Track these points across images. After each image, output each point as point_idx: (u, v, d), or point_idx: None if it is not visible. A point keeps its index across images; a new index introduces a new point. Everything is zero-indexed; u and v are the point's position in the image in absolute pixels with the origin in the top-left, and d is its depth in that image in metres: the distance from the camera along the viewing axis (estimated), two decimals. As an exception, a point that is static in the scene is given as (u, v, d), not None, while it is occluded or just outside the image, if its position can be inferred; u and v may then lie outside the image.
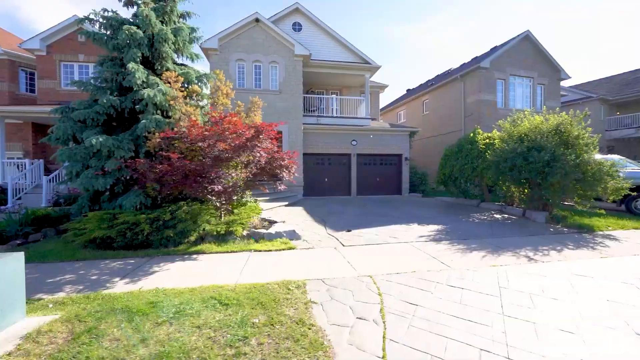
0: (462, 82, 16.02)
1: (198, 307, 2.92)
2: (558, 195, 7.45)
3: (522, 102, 16.03)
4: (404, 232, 6.62)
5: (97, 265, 4.48)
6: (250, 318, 2.75)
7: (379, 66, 14.10)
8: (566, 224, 7.19)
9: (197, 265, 4.45)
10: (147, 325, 2.60)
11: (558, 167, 6.83)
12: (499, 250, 5.12)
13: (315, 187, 13.79)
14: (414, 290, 3.50)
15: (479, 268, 4.22)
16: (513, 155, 7.56)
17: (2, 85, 12.68)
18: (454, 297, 3.32)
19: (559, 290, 3.49)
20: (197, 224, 5.69)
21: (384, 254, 5.01)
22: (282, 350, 2.30)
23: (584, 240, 5.87)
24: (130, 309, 2.89)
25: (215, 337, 2.45)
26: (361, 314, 2.94)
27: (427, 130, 19.12)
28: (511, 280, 3.77)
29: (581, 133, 7.37)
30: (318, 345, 2.38)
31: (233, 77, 12.17)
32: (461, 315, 2.92)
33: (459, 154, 10.34)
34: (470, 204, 10.81)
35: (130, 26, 6.62)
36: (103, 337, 2.44)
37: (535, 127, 7.90)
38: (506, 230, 6.74)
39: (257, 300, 3.11)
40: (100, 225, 5.04)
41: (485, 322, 2.81)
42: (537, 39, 15.55)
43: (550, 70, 16.23)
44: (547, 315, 2.92)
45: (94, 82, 7.05)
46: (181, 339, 2.39)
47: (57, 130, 6.32)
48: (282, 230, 6.14)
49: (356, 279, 3.84)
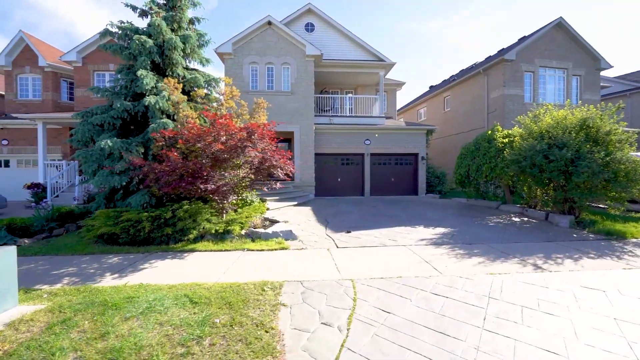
0: (485, 76, 15.04)
1: (168, 304, 3.01)
2: (585, 198, 6.70)
3: (555, 96, 14.70)
4: (407, 234, 6.34)
5: (99, 259, 4.80)
6: (213, 318, 2.77)
7: (393, 63, 13.69)
8: (593, 230, 6.45)
9: (188, 263, 4.60)
10: (116, 319, 2.72)
11: (583, 165, 6.15)
12: (503, 257, 4.71)
13: (328, 187, 13.70)
14: (392, 297, 3.32)
15: (473, 275, 3.91)
16: (532, 153, 6.93)
17: (47, 95, 14.12)
18: (433, 306, 3.10)
19: (558, 304, 3.12)
20: (196, 222, 5.88)
21: (376, 257, 4.83)
22: (230, 352, 2.28)
23: (610, 248, 5.22)
24: (108, 302, 3.04)
25: (172, 335, 2.50)
26: (327, 320, 2.85)
27: (448, 128, 18.24)
28: (505, 291, 3.44)
29: (613, 128, 6.57)
30: (269, 350, 2.33)
31: (247, 79, 12.48)
32: (435, 327, 2.71)
33: (476, 153, 9.70)
34: (489, 206, 10.10)
35: (141, 35, 7.03)
36: (73, 329, 2.59)
37: (557, 122, 7.17)
38: (521, 235, 6.19)
39: (226, 300, 3.13)
40: (106, 223, 5.40)
41: (459, 336, 2.58)
42: (571, 26, 14.16)
43: (588, 60, 14.71)
44: (533, 332, 2.62)
45: (111, 88, 7.58)
46: (139, 335, 2.47)
47: (76, 133, 6.89)
48: (279, 230, 6.16)
49: (336, 283, 3.73)
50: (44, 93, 14.03)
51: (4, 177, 13.10)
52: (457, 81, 17.62)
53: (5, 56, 13.77)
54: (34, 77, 14.12)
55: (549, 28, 14.29)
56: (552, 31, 14.41)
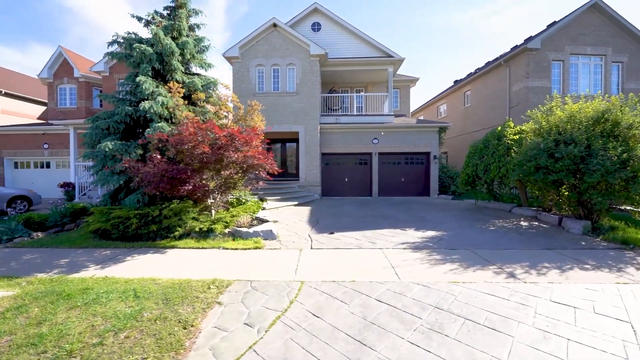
0: (507, 67, 13.92)
1: (113, 297, 3.20)
2: (602, 200, 5.92)
3: (590, 85, 13.18)
4: (391, 237, 6.10)
5: (90, 252, 5.23)
6: (143, 312, 2.90)
7: (403, 59, 13.18)
8: (609, 237, 5.68)
9: (162, 258, 4.84)
10: (60, 309, 2.96)
11: (595, 163, 5.45)
12: (481, 264, 4.34)
13: (335, 188, 13.60)
14: (332, 301, 3.22)
15: (433, 284, 3.65)
16: (536, 152, 6.30)
17: (81, 103, 15.66)
18: (368, 313, 2.96)
19: (509, 319, 2.81)
20: (182, 220, 6.17)
21: (343, 260, 4.70)
22: (138, 345, 2.38)
23: (616, 259, 4.57)
24: (64, 293, 3.31)
25: (97, 326, 2.66)
26: (252, 321, 2.84)
27: (468, 124, 17.18)
28: (457, 301, 3.17)
29: (636, 121, 5.74)
30: (176, 346, 2.39)
31: (253, 82, 12.80)
32: (355, 335, 2.59)
33: (485, 151, 9.03)
34: (502, 209, 9.34)
35: (141, 44, 7.52)
36: (22, 315, 2.86)
37: (570, 116, 6.42)
38: (519, 242, 5.65)
39: (167, 296, 3.25)
40: (99, 219, 5.88)
41: (375, 346, 2.43)
42: (609, 6, 12.57)
43: (632, 44, 12.98)
44: (458, 347, 2.39)
45: (117, 95, 8.21)
46: (69, 324, 2.66)
47: (86, 137, 7.56)
48: (260, 230, 6.25)
49: (285, 284, 3.70)
50: (79, 101, 15.58)
51: (44, 177, 14.78)
52: (478, 74, 16.50)
53: (47, 69, 15.51)
54: (71, 87, 15.74)
55: (582, 11, 12.83)
56: (586, 14, 12.92)
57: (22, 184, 14.61)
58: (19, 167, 15.16)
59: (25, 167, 15.18)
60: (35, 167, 15.15)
